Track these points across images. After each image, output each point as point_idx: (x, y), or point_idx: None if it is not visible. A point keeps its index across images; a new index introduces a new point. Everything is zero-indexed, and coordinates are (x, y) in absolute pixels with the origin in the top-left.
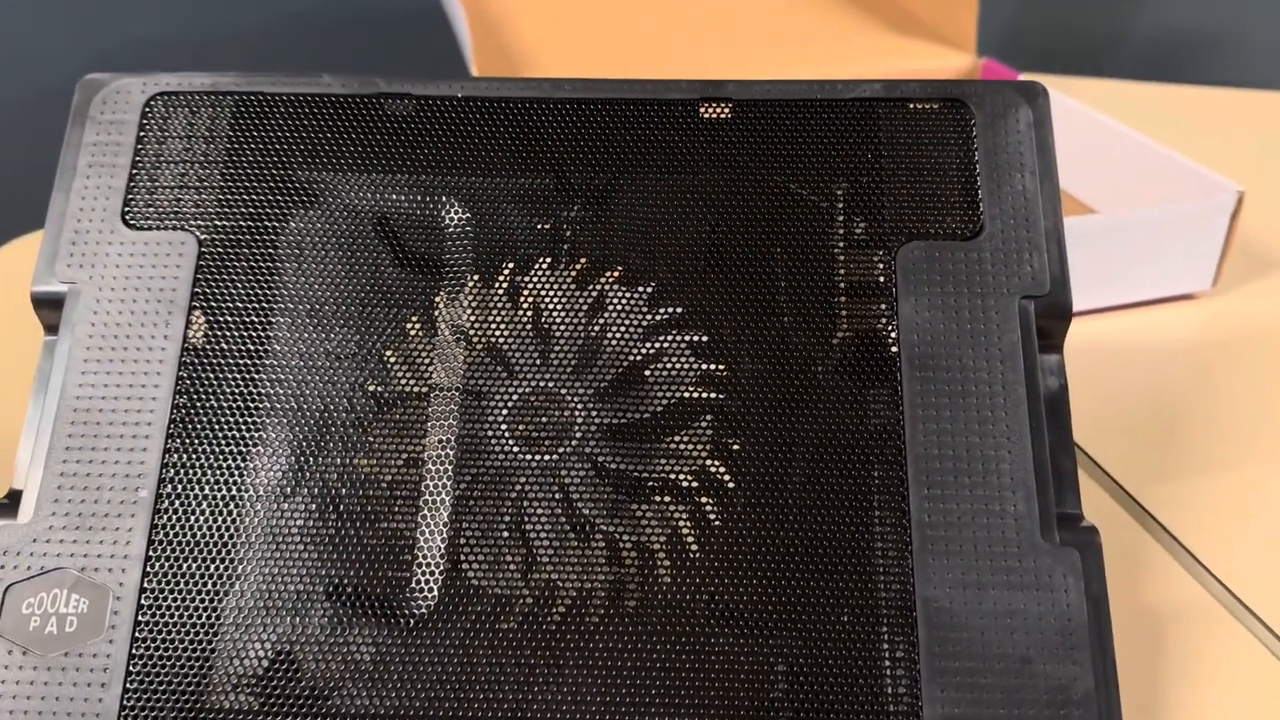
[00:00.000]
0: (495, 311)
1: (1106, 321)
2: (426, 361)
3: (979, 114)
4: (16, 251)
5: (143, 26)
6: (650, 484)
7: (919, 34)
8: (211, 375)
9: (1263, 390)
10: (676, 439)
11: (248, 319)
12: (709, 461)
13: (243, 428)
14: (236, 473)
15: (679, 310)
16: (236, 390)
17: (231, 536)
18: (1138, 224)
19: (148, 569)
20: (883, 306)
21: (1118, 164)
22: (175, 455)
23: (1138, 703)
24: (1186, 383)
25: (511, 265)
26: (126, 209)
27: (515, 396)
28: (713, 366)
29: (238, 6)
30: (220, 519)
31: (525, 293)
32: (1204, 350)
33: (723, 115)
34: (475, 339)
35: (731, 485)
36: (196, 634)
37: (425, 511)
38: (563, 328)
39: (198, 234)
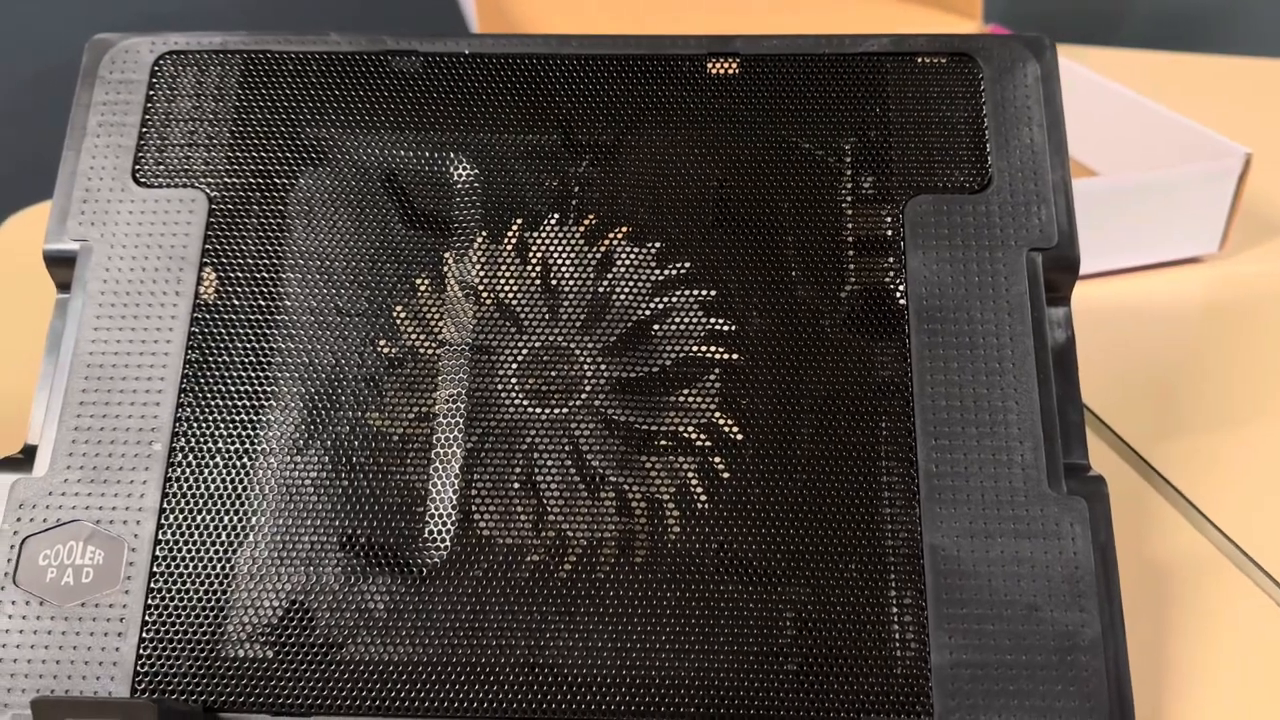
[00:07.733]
0: (504, 268)
1: (1114, 284)
2: (436, 318)
3: (986, 68)
4: (27, 219)
5: (147, 4)
6: (659, 437)
7: (925, 1)
8: (223, 331)
9: (1268, 352)
10: (685, 393)
11: (258, 275)
12: (717, 415)
13: (255, 383)
14: (249, 427)
15: (687, 266)
16: (248, 346)
17: (245, 489)
18: (1145, 187)
19: (162, 521)
20: (890, 260)
21: (1124, 128)
22: (188, 410)
23: (1143, 650)
24: (1193, 345)
25: (520, 222)
26: (137, 167)
27: (525, 352)
28: (721, 322)
29: None
30: (233, 472)
31: (534, 249)
32: (1211, 313)
33: (730, 71)
34: (484, 295)
35: (740, 438)
36: (211, 585)
37: (437, 465)
38: (571, 284)
39: (207, 191)
